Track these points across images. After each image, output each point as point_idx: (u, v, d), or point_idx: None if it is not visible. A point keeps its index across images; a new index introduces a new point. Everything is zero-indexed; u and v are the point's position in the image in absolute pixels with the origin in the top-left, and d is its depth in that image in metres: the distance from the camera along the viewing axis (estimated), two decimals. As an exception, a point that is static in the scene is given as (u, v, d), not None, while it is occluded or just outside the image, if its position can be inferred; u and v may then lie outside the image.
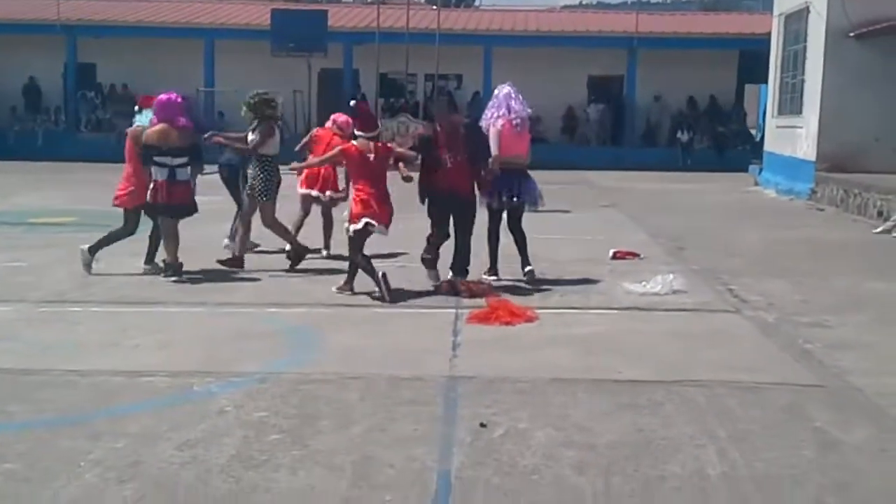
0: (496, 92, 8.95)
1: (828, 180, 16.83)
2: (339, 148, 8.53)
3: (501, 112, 8.66)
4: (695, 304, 7.88)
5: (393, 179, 8.25)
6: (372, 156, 8.05)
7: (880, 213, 14.01)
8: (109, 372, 5.63)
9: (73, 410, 4.98)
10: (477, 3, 55.88)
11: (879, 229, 12.80)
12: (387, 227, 8.06)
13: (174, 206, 8.53)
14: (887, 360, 6.13)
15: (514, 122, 8.65)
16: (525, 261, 8.81)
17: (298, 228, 9.93)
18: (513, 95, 8.79)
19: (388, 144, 8.68)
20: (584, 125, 29.16)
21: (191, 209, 8.71)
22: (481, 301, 7.63)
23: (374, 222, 7.89)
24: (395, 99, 29.12)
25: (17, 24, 27.67)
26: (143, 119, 9.15)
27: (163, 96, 8.74)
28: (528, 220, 10.15)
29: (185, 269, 8.64)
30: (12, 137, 27.33)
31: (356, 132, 8.33)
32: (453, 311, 7.45)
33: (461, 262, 8.41)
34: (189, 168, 8.57)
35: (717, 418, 4.91)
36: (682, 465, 4.26)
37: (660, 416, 4.94)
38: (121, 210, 8.90)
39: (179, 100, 8.71)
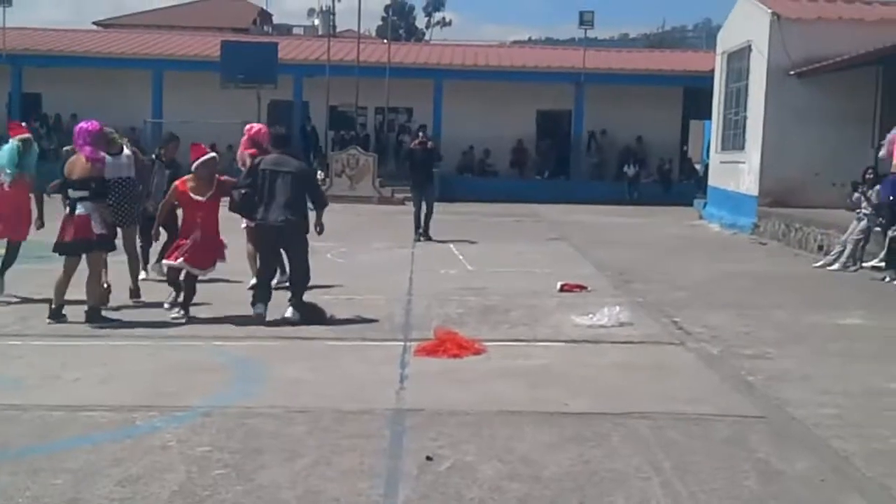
0: None
1: (770, 215, 17.18)
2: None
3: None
4: (640, 336, 7.97)
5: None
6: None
7: (821, 248, 14.32)
8: (49, 406, 5.52)
9: (12, 445, 4.87)
10: (427, 38, 56.39)
11: (820, 263, 13.07)
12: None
13: (68, 242, 7.95)
14: (826, 391, 6.24)
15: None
16: None
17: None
18: None
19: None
20: (537, 159, 29.46)
21: (89, 245, 7.96)
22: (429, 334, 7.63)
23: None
24: (345, 131, 29.16)
25: (-39, 52, 27.27)
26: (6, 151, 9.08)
27: (82, 124, 8.29)
28: (474, 253, 10.18)
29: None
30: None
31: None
32: (401, 343, 7.45)
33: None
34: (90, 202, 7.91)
35: (661, 450, 4.95)
36: (626, 496, 4.29)
37: (605, 448, 4.97)
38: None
39: (95, 129, 8.19)
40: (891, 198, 12.01)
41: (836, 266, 12.57)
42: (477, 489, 4.34)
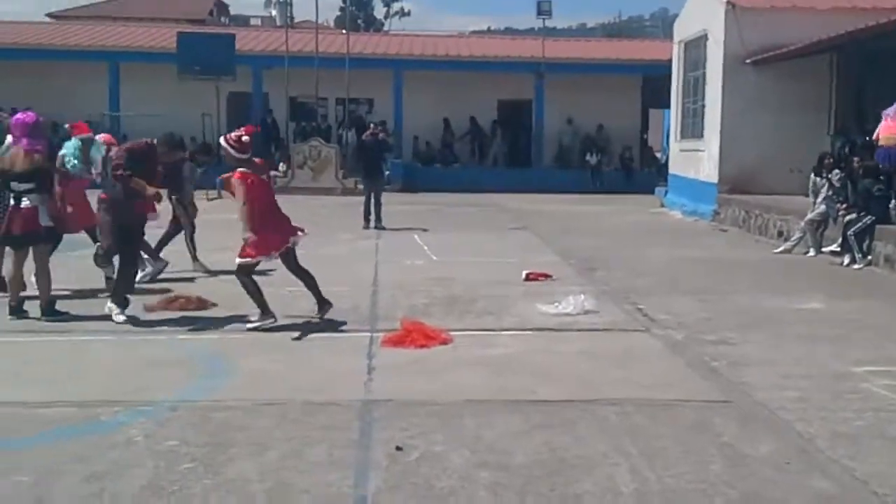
0: None
1: (730, 202, 17.37)
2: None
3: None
4: (606, 323, 8.03)
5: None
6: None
7: (780, 234, 14.51)
8: (11, 403, 5.44)
9: (-26, 445, 4.80)
10: (386, 28, 56.17)
11: (780, 249, 13.24)
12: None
13: (17, 235, 7.85)
14: (788, 375, 6.33)
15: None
16: None
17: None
18: None
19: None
20: (499, 148, 29.41)
21: (37, 237, 7.85)
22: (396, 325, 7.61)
23: None
24: (306, 123, 28.99)
25: None
26: (70, 147, 9.47)
27: (18, 116, 8.28)
28: (438, 243, 10.16)
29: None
30: None
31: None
32: (367, 334, 7.43)
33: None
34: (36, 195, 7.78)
35: (628, 436, 5.00)
36: (595, 482, 4.32)
37: (573, 435, 5.01)
38: None
39: (32, 120, 8.11)
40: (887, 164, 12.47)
41: (812, 252, 12.71)
42: (447, 478, 4.35)
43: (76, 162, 9.42)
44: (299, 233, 7.98)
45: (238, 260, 7.67)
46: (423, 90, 27.98)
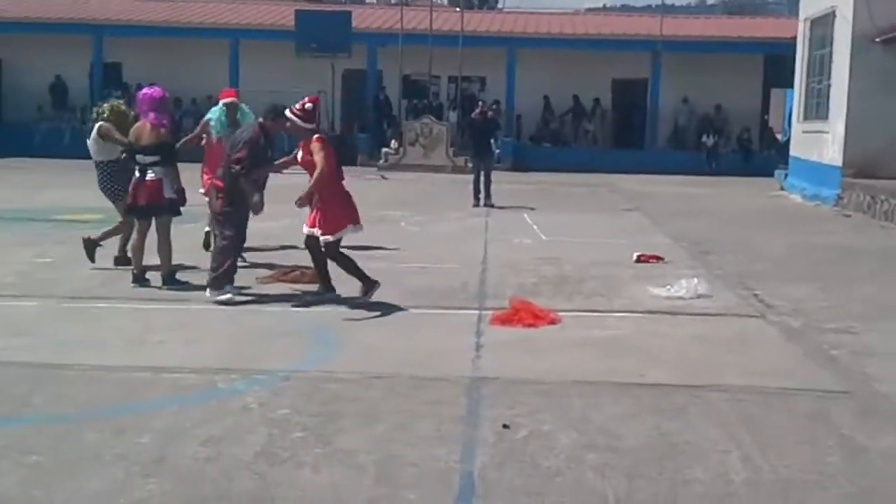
0: None
1: (854, 186, 16.70)
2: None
3: None
4: (719, 308, 7.84)
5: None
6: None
7: (908, 220, 13.88)
8: (134, 368, 5.67)
9: (98, 405, 5.02)
10: (500, 6, 55.79)
11: (906, 236, 12.69)
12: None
13: (142, 206, 8.20)
14: (914, 367, 6.07)
15: None
16: None
17: None
18: None
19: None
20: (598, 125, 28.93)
21: (161, 209, 8.16)
22: (504, 304, 7.60)
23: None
24: (418, 100, 29.17)
25: (44, 23, 27.89)
26: (215, 112, 9.66)
27: (145, 90, 8.47)
28: (548, 223, 10.07)
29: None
30: (39, 135, 27.52)
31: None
32: (476, 312, 7.45)
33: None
34: (161, 167, 8.09)
35: (741, 423, 4.88)
36: (705, 469, 4.24)
37: (683, 421, 4.92)
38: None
39: (158, 95, 8.31)
40: None
41: None
42: (554, 458, 4.33)
43: (216, 130, 9.53)
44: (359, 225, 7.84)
45: (322, 239, 7.63)
46: (536, 68, 27.77)
